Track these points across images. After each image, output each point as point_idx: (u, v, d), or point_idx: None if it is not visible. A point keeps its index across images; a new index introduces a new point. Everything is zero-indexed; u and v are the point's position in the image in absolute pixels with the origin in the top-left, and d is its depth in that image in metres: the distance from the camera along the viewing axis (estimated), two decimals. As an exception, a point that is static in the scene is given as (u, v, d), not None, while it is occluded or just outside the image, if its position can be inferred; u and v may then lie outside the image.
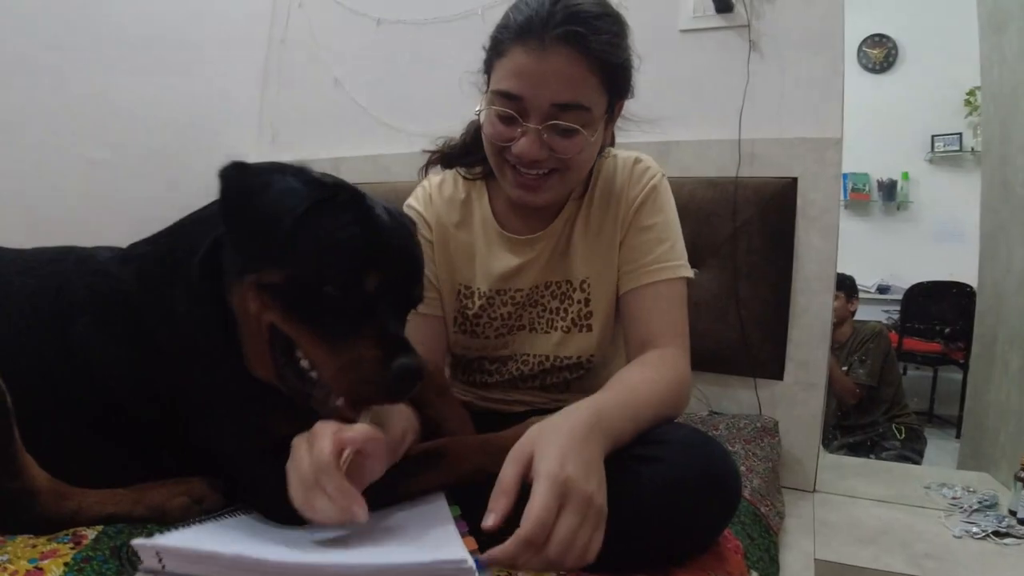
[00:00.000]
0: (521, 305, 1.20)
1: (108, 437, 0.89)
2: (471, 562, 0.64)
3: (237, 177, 0.81)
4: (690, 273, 1.14)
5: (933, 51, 5.06)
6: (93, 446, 0.89)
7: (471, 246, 1.21)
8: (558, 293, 1.19)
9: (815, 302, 1.78)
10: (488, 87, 1.08)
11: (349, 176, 0.96)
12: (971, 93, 4.68)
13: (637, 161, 1.18)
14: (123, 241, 0.97)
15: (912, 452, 3.37)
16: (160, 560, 0.58)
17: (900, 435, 3.42)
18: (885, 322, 4.63)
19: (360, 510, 0.70)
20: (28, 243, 1.00)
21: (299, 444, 0.77)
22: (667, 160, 1.86)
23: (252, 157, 0.85)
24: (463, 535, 0.75)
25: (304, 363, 0.81)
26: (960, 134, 5.00)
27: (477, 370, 1.25)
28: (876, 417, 3.47)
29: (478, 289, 1.20)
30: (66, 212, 1.94)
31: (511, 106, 1.02)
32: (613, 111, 1.10)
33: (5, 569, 0.72)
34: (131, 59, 2.14)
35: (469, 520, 0.88)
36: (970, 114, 4.82)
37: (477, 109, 1.11)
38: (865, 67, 5.32)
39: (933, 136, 5.09)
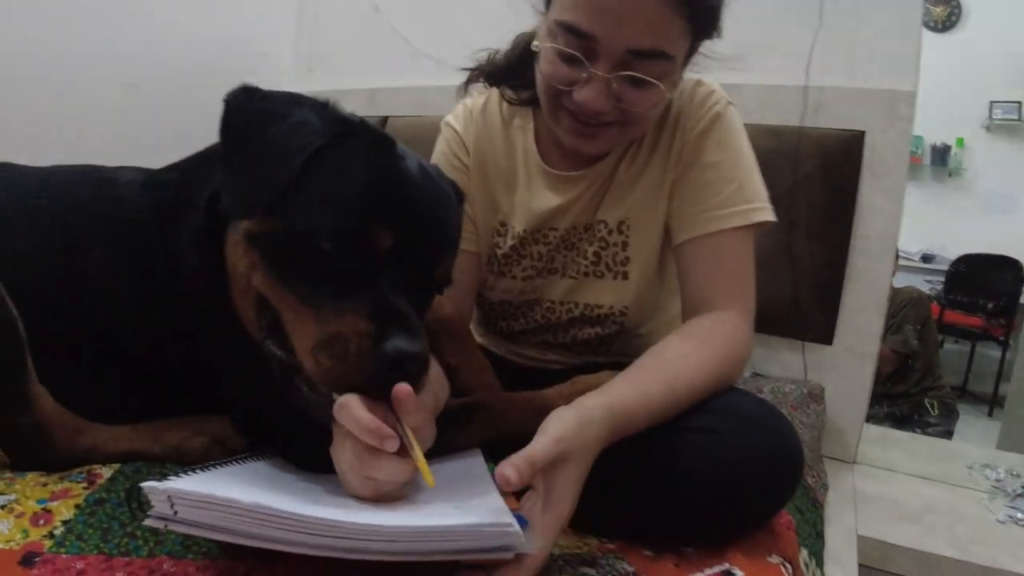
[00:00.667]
0: (555, 247, 1.08)
1: (119, 376, 0.83)
2: (516, 525, 0.57)
3: (244, 103, 0.70)
4: (767, 216, 0.97)
5: (998, 14, 4.76)
6: (103, 383, 0.83)
7: (512, 178, 1.09)
8: (595, 235, 1.06)
9: (874, 266, 1.67)
10: (548, 9, 0.93)
11: (386, 109, 0.87)
12: (1035, 62, 4.43)
13: (699, 84, 1.02)
14: (156, 165, 0.89)
15: (946, 427, 3.28)
16: (172, 506, 0.51)
17: (934, 410, 3.32)
18: (928, 292, 4.48)
19: (391, 442, 0.60)
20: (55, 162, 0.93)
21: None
22: (727, 105, 1.75)
23: (287, 86, 0.75)
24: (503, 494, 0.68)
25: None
26: (1020, 103, 4.74)
27: (501, 315, 1.16)
28: (909, 387, 3.37)
29: (512, 228, 1.09)
30: (100, 135, 1.88)
31: (577, 45, 0.87)
32: (692, 53, 0.95)
33: (12, 511, 0.67)
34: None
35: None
36: (1032, 83, 4.58)
37: (535, 43, 0.96)
38: (926, 24, 5.03)
39: (992, 102, 4.82)
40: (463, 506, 0.63)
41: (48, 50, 1.80)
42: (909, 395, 3.38)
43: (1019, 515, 1.60)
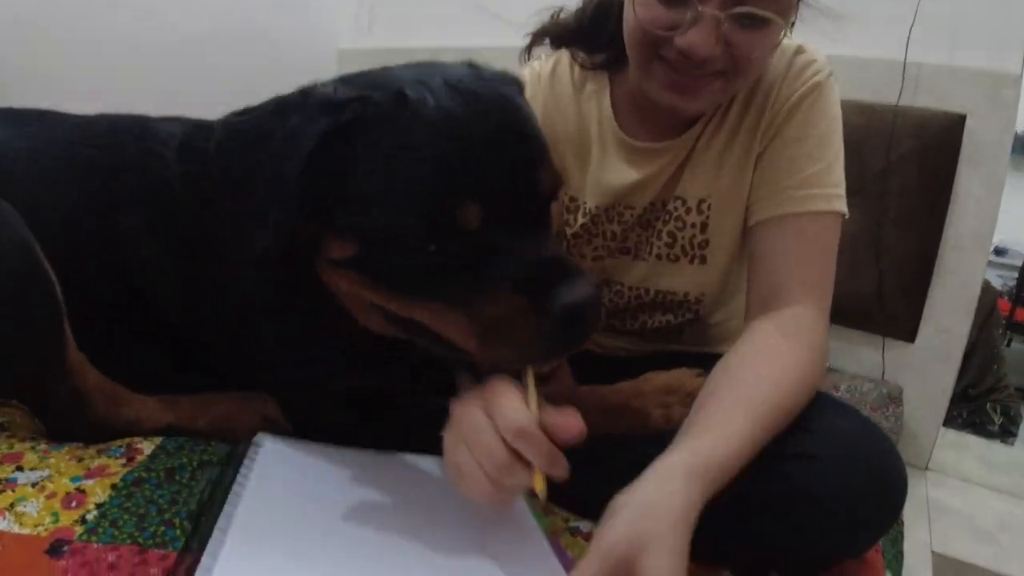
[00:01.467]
0: (629, 227, 0.98)
1: (158, 347, 0.78)
2: None
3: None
4: (843, 208, 0.88)
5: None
6: (142, 354, 0.78)
7: (584, 149, 0.99)
8: (671, 215, 0.96)
9: (967, 262, 1.55)
10: None
11: None
12: None
13: (799, 51, 0.91)
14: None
15: (1009, 434, 3.10)
16: None
17: (996, 417, 3.14)
18: (998, 288, 4.25)
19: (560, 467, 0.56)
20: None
21: (470, 411, 0.59)
22: (817, 79, 1.63)
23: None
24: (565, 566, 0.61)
25: None
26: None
27: None
28: (966, 385, 3.20)
29: (584, 204, 1.00)
30: (158, 86, 1.81)
31: None
32: None
33: (43, 489, 0.63)
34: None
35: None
36: None
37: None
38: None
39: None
40: None
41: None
42: (968, 396, 3.21)
43: (1106, 539, 1.47)
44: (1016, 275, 4.38)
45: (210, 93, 0.82)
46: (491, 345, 0.57)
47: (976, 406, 3.14)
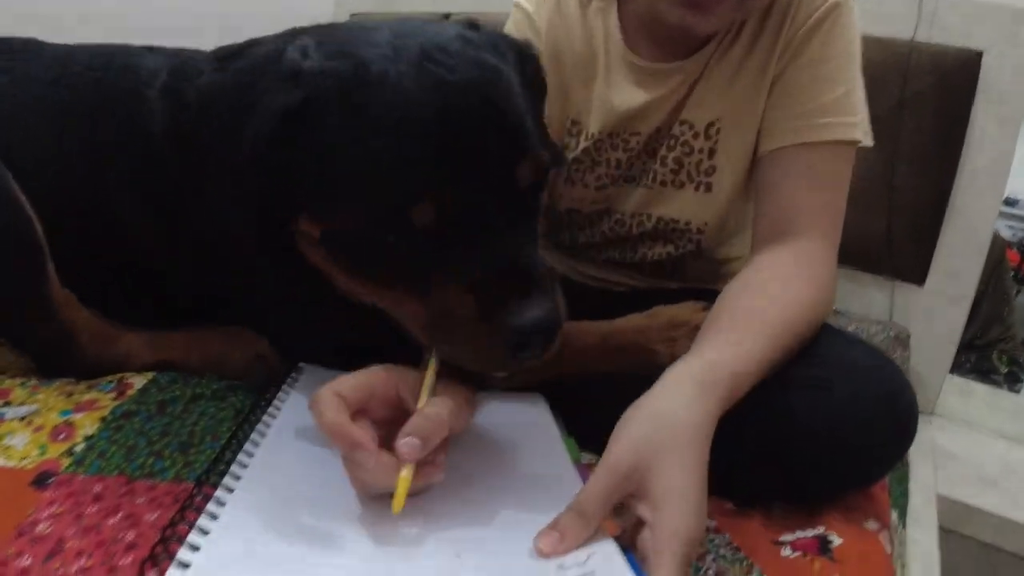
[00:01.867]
0: (635, 152, 0.93)
1: (144, 291, 0.76)
2: None
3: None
4: (866, 139, 0.84)
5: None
6: (126, 295, 0.76)
7: (590, 69, 0.93)
8: (677, 139, 0.92)
9: (979, 203, 1.51)
10: None
11: (446, 4, 0.74)
12: None
13: None
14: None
15: (1013, 381, 3.09)
16: None
17: (1002, 367, 3.13)
18: (1008, 238, 4.20)
19: (369, 458, 0.49)
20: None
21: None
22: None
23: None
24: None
25: None
26: None
27: (564, 226, 1.02)
28: (973, 335, 3.17)
29: (587, 127, 0.94)
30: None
31: None
32: None
33: (30, 423, 0.61)
34: None
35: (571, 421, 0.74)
36: None
37: None
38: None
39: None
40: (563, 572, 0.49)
41: None
42: (975, 346, 3.19)
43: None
44: (1025, 225, 4.33)
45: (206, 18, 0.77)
46: (440, 342, 0.55)
47: (983, 355, 3.13)
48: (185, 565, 0.43)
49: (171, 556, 0.44)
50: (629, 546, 0.51)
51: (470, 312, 0.53)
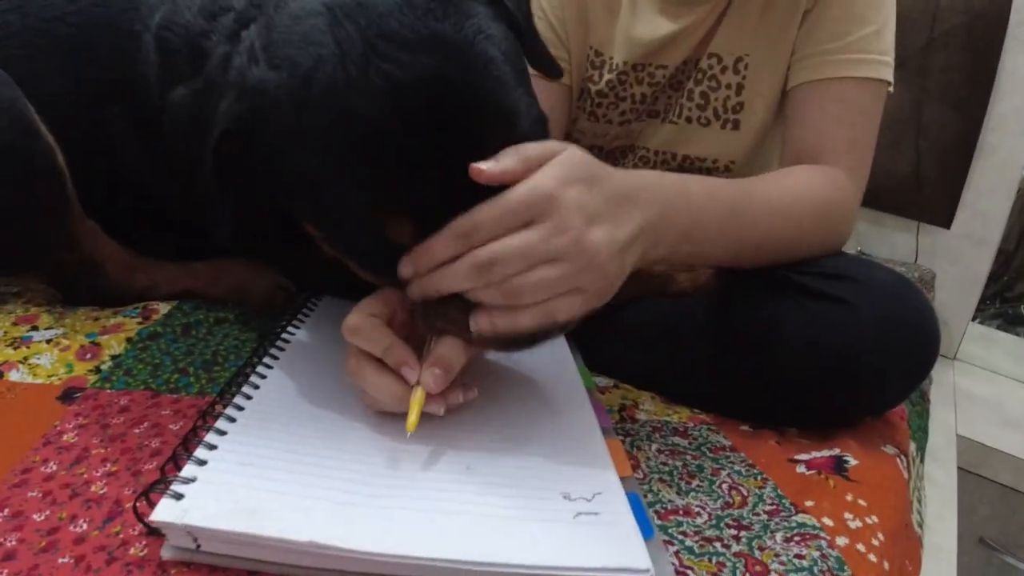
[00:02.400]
0: (660, 87, 0.92)
1: (162, 228, 0.77)
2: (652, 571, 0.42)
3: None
4: (890, 76, 0.82)
5: None
6: (145, 233, 0.77)
7: None
8: (704, 73, 0.90)
9: (1009, 143, 1.47)
10: None
11: None
12: None
13: None
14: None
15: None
16: (195, 540, 0.41)
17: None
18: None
19: (412, 373, 0.50)
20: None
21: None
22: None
23: None
24: (604, 431, 0.58)
25: None
26: None
27: None
28: (1003, 287, 3.11)
29: (611, 59, 0.92)
30: None
31: None
32: None
33: (57, 344, 0.63)
34: None
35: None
36: None
37: None
38: None
39: None
40: (567, 504, 0.48)
41: None
42: (1005, 298, 3.13)
43: None
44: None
45: None
46: (425, 319, 0.52)
47: (1013, 305, 3.08)
48: (202, 462, 0.45)
49: (191, 456, 0.45)
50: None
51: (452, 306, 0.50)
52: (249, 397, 0.54)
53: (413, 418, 0.49)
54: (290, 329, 0.66)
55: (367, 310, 0.53)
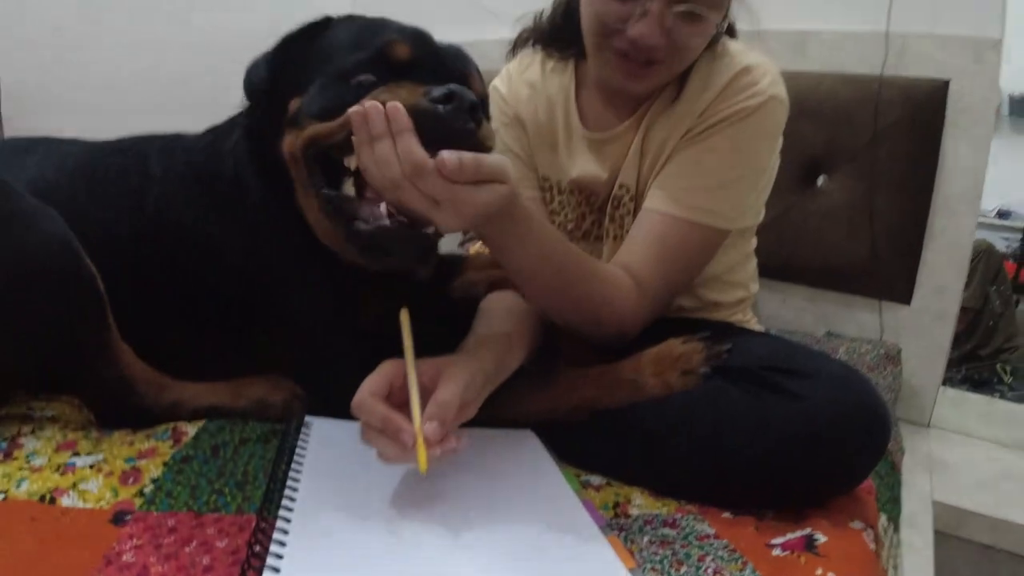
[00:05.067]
0: (600, 209, 1.06)
1: (193, 324, 0.86)
2: None
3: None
4: (720, 226, 0.94)
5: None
6: (179, 336, 0.86)
7: (552, 137, 1.07)
8: (620, 200, 1.03)
9: (957, 223, 1.58)
10: None
11: None
12: None
13: (746, 72, 0.95)
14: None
15: (1020, 392, 3.14)
16: None
17: (1007, 376, 3.17)
18: (1003, 250, 4.27)
19: (408, 436, 0.63)
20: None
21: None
22: (804, 53, 1.67)
23: None
24: (601, 529, 0.67)
25: (349, 190, 0.74)
26: (1107, 46, 4.41)
27: None
28: (977, 346, 3.22)
29: (557, 183, 1.08)
30: (156, 97, 1.89)
31: None
32: None
33: (100, 470, 0.70)
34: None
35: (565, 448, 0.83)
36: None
37: None
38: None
39: (1077, 45, 4.51)
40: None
41: (89, 45, 1.82)
42: (979, 357, 3.23)
43: (1102, 483, 1.51)
44: (1020, 236, 4.40)
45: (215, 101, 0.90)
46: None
47: (986, 365, 3.18)
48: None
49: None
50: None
51: (418, 91, 0.68)
52: (290, 510, 0.61)
53: (423, 460, 0.61)
54: (300, 443, 0.74)
55: (368, 389, 0.66)
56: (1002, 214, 4.66)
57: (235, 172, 0.83)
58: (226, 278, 0.84)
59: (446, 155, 0.62)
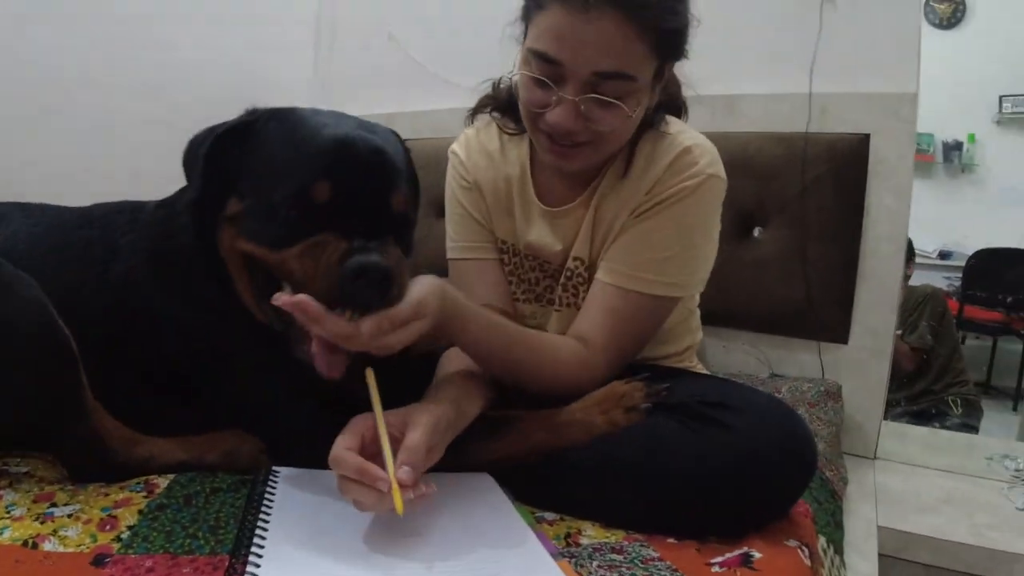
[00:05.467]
0: (552, 276, 1.14)
1: (157, 388, 0.90)
2: None
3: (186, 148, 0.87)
4: (669, 294, 1.03)
5: (1002, 8, 4.75)
6: (144, 398, 0.90)
7: (508, 203, 1.15)
8: (574, 271, 1.11)
9: (885, 265, 1.70)
10: (525, 39, 0.98)
11: (405, 132, 0.94)
12: (1042, 53, 4.43)
13: (687, 152, 1.01)
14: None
15: (970, 424, 3.26)
16: None
17: (957, 408, 3.30)
18: (946, 289, 4.47)
19: (383, 483, 0.69)
20: (88, 202, 1.02)
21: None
22: (734, 114, 1.80)
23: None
24: (555, 557, 0.73)
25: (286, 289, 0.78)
26: (1029, 95, 4.74)
27: None
28: (930, 384, 3.35)
29: (513, 247, 1.15)
30: (127, 170, 1.91)
31: (547, 71, 0.92)
32: (661, 75, 0.99)
33: (78, 519, 0.73)
34: (185, 17, 2.15)
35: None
36: (1040, 75, 4.57)
37: (512, 71, 1.02)
38: (932, 23, 5.04)
39: (1001, 96, 4.81)
40: None
41: (72, 91, 1.87)
42: (932, 392, 3.36)
43: (1039, 501, 1.58)
44: (960, 275, 4.60)
45: (176, 174, 0.97)
46: (305, 256, 0.75)
47: (939, 399, 3.31)
48: None
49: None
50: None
51: (339, 246, 0.73)
52: (261, 547, 0.65)
53: (399, 503, 0.68)
54: (269, 490, 0.79)
55: (342, 444, 0.72)
56: (943, 255, 4.89)
57: (186, 253, 0.88)
58: (184, 351, 0.89)
59: (365, 325, 0.71)
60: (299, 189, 0.75)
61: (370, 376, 0.77)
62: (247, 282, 0.84)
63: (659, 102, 1.03)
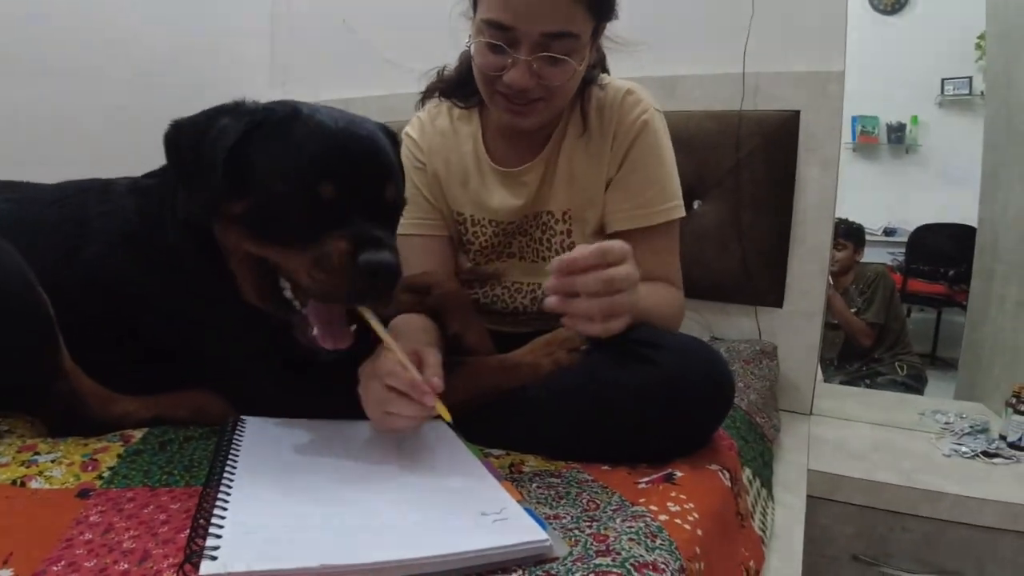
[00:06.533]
0: (510, 234, 1.24)
1: (128, 353, 0.96)
2: (548, 539, 0.66)
3: (176, 137, 0.87)
4: (680, 213, 1.18)
5: (943, -8, 4.96)
6: (116, 362, 0.95)
7: (464, 175, 1.25)
8: (541, 223, 1.22)
9: (814, 233, 1.82)
10: (475, 14, 1.09)
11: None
12: (981, 37, 4.58)
13: (629, 93, 1.18)
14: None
15: (912, 384, 3.42)
16: None
17: (902, 371, 3.46)
18: (891, 263, 4.66)
19: (430, 397, 0.79)
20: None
21: (367, 373, 0.85)
22: (674, 94, 1.90)
23: (262, 99, 0.90)
24: (499, 479, 0.81)
25: (287, 293, 0.86)
26: (970, 78, 4.91)
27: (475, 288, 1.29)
28: (881, 353, 3.50)
29: (470, 216, 1.25)
30: (90, 156, 1.94)
31: (501, 36, 1.04)
32: (597, 33, 1.12)
33: (61, 462, 0.80)
34: (142, 3, 2.18)
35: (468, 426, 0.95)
36: (980, 58, 4.71)
37: (467, 41, 1.13)
38: (876, 7, 5.24)
39: (943, 79, 5.01)
40: (485, 517, 0.71)
41: (27, 79, 1.89)
42: (881, 361, 3.52)
43: (964, 449, 1.70)
44: (903, 251, 4.80)
45: (139, 156, 1.01)
46: (315, 270, 0.79)
47: (885, 364, 3.47)
48: (220, 527, 0.63)
49: (204, 528, 0.63)
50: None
51: (344, 249, 0.78)
52: (232, 477, 0.73)
53: (445, 411, 0.80)
54: (237, 435, 0.86)
55: (389, 364, 0.81)
56: (888, 231, 5.09)
57: (172, 239, 0.92)
58: (158, 323, 0.95)
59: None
60: (306, 189, 0.80)
61: (368, 313, 0.84)
62: (254, 280, 0.88)
63: (594, 60, 1.16)
